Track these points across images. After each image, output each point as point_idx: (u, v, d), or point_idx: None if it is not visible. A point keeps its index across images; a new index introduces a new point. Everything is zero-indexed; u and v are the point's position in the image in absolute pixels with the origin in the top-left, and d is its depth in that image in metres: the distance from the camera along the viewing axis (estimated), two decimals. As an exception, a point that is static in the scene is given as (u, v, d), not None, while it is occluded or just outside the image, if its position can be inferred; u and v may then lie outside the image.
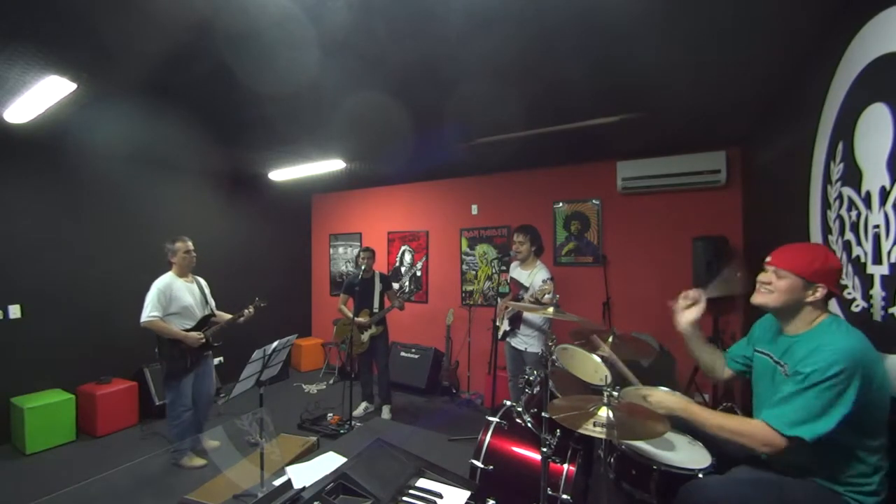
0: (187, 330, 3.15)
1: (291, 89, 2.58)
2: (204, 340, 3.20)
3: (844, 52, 1.71)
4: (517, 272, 3.47)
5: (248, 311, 3.41)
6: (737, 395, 3.39)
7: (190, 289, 3.27)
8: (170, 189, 4.72)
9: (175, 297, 3.13)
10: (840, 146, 1.75)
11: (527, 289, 3.27)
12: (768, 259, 1.49)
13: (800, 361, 1.31)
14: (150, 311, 3.02)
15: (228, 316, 3.39)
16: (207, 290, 3.45)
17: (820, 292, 1.37)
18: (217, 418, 4.02)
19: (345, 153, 4.16)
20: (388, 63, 2.27)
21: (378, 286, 4.19)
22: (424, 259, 5.50)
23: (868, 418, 1.23)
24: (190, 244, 3.30)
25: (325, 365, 5.85)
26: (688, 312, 1.78)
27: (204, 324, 3.28)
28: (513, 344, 3.40)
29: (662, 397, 1.62)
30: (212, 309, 3.40)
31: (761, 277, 1.49)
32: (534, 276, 3.29)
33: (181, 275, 3.26)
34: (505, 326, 3.42)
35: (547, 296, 3.01)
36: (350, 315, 4.17)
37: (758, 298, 1.49)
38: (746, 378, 1.71)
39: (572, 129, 3.30)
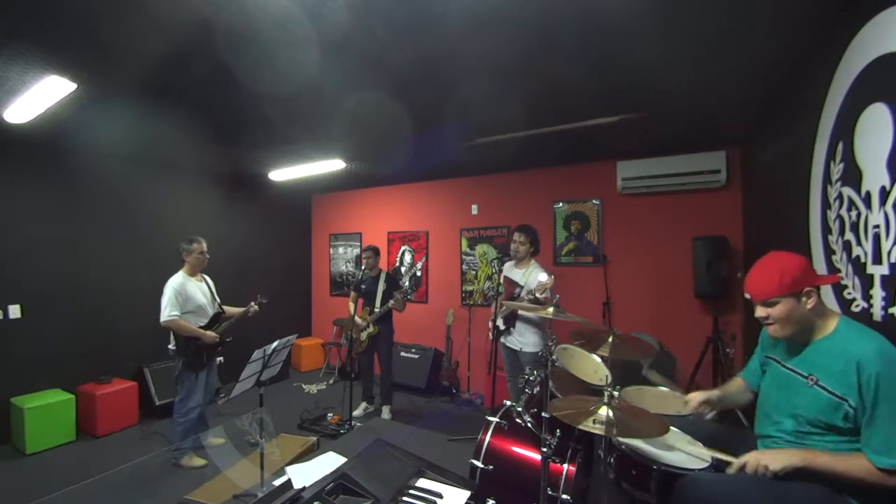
0: (202, 327, 3.22)
1: (291, 89, 2.58)
2: (218, 339, 3.28)
3: (844, 52, 1.72)
4: (512, 271, 3.47)
5: (253, 306, 3.48)
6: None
7: (200, 288, 3.34)
8: (170, 189, 4.72)
9: (190, 296, 3.19)
10: (840, 146, 1.75)
11: (522, 286, 3.26)
12: (748, 296, 1.47)
13: (834, 373, 1.31)
14: (169, 310, 3.07)
15: (237, 311, 3.47)
16: (214, 289, 3.49)
17: (813, 296, 1.36)
18: (217, 418, 4.02)
19: (345, 153, 4.16)
20: (388, 63, 2.27)
21: (382, 286, 4.18)
22: (424, 259, 5.50)
23: None
24: (205, 245, 3.37)
25: (325, 365, 5.84)
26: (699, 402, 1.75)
27: (216, 321, 3.35)
28: (507, 344, 3.38)
29: (773, 455, 1.36)
30: (219, 306, 3.45)
31: (757, 314, 1.46)
32: (529, 274, 3.29)
33: (192, 274, 3.31)
34: (500, 325, 3.41)
35: (545, 293, 3.01)
36: (353, 313, 4.17)
37: (773, 334, 1.46)
38: None
39: (572, 129, 3.30)
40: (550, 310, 2.07)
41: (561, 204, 4.55)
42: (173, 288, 3.13)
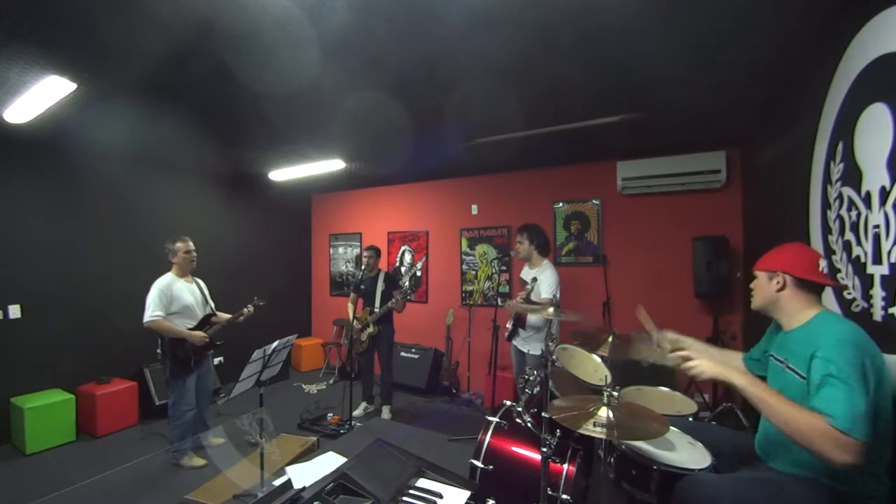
0: (190, 329, 3.16)
1: (291, 89, 2.58)
2: (207, 340, 3.21)
3: (844, 52, 1.72)
4: (525, 272, 3.48)
5: (248, 309, 3.42)
6: (737, 395, 3.38)
7: (190, 289, 3.29)
8: (170, 189, 4.72)
9: (176, 296, 3.14)
10: (840, 146, 1.75)
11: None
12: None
13: (800, 356, 1.33)
14: (152, 311, 3.02)
15: (228, 316, 3.39)
16: (206, 291, 3.45)
17: (781, 280, 1.45)
18: (217, 418, 4.02)
19: (345, 153, 4.16)
20: (388, 63, 2.28)
21: (381, 286, 4.18)
22: (424, 259, 5.50)
23: (878, 412, 1.20)
24: (191, 244, 3.30)
25: (325, 365, 5.84)
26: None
27: (205, 323, 3.29)
28: (516, 345, 3.41)
29: (719, 368, 1.41)
30: (212, 309, 3.40)
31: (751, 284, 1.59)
32: (539, 273, 3.29)
33: (181, 275, 3.27)
34: (508, 326, 3.42)
35: (544, 294, 3.02)
36: (352, 314, 4.17)
37: (752, 303, 1.59)
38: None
39: (572, 129, 3.30)
40: (551, 310, 2.07)
41: (561, 204, 4.55)
42: (158, 288, 3.08)
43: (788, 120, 2.50)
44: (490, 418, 2.22)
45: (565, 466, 1.93)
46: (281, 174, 4.95)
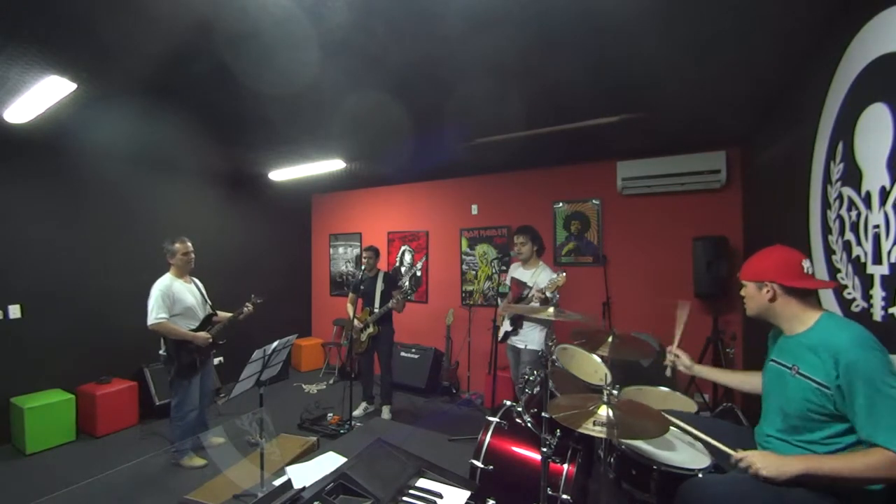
0: (193, 330, 3.16)
1: (291, 89, 2.58)
2: (211, 340, 3.21)
3: (844, 52, 1.72)
4: (519, 272, 3.47)
5: (248, 308, 3.42)
6: (737, 395, 3.39)
7: (190, 289, 3.28)
8: (170, 189, 4.72)
9: (177, 298, 3.13)
10: (840, 146, 1.75)
11: (530, 287, 3.26)
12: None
13: (813, 363, 1.33)
14: (156, 313, 3.01)
15: (229, 315, 3.39)
16: (204, 291, 3.45)
17: (771, 289, 1.45)
18: (217, 418, 4.02)
19: (345, 153, 4.16)
20: (388, 63, 2.27)
21: (380, 286, 4.19)
22: (424, 259, 5.50)
23: None
24: (189, 245, 3.29)
25: (325, 365, 5.85)
26: (679, 362, 1.91)
27: (207, 323, 3.29)
28: (512, 344, 3.40)
29: (770, 460, 1.32)
30: (211, 308, 3.41)
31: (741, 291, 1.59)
32: (538, 275, 3.29)
33: (180, 276, 3.26)
34: (506, 327, 3.42)
35: (551, 292, 3.01)
36: (352, 314, 4.17)
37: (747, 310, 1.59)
38: None
39: (572, 129, 3.30)
40: (551, 310, 2.07)
41: (561, 204, 4.55)
42: (160, 290, 3.07)
43: (788, 120, 2.50)
44: (490, 418, 2.22)
45: (565, 466, 1.93)
46: (281, 174, 4.95)
